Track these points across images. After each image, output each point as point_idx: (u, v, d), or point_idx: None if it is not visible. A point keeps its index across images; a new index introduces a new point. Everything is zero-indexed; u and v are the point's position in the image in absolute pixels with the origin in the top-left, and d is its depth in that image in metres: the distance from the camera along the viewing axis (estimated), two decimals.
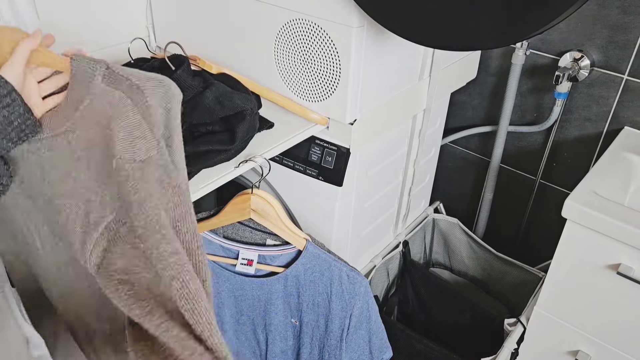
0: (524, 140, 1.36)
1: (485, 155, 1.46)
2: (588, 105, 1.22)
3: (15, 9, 0.88)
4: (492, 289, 1.44)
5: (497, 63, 1.32)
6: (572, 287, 1.03)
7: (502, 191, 1.45)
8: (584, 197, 0.96)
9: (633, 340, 1.00)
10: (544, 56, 1.24)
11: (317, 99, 0.96)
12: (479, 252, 1.42)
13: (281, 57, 0.96)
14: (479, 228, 1.50)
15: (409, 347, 1.20)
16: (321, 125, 0.97)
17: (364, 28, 0.86)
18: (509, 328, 1.17)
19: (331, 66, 0.90)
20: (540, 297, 1.09)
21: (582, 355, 1.07)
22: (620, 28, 1.11)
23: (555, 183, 1.36)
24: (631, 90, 1.15)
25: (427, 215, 1.46)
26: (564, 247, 1.01)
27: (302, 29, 0.90)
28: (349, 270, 0.95)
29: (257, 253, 1.01)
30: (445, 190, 1.58)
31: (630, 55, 1.12)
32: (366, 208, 1.17)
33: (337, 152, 1.00)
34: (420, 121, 1.20)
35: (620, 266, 0.94)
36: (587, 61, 1.17)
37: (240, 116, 0.85)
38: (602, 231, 0.93)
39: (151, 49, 1.18)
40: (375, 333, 1.01)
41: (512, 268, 1.36)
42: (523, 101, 1.31)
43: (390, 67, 0.99)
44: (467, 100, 1.42)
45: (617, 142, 1.14)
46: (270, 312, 1.03)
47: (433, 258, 1.55)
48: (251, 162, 0.85)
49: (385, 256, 1.31)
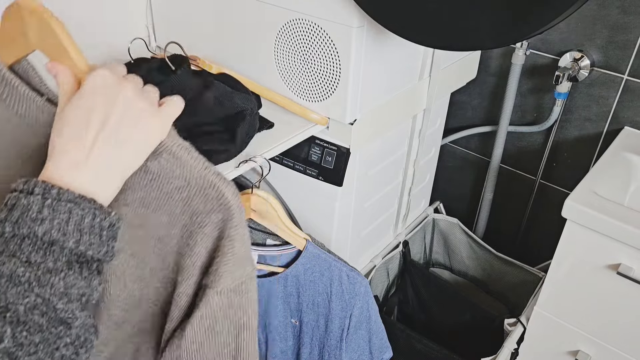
0: (524, 140, 1.36)
1: (485, 155, 1.46)
2: (588, 105, 1.22)
3: None
4: (492, 289, 1.44)
5: (497, 63, 1.32)
6: (572, 287, 1.03)
7: (502, 191, 1.45)
8: (584, 197, 0.96)
9: (633, 341, 1.00)
10: (544, 56, 1.24)
11: (317, 99, 0.96)
12: (479, 252, 1.42)
13: (281, 57, 0.96)
14: (479, 228, 1.50)
15: (409, 347, 1.19)
16: (321, 125, 0.97)
17: (364, 28, 0.86)
18: (509, 328, 1.17)
19: (331, 66, 0.90)
20: (540, 297, 1.09)
21: (582, 355, 1.07)
22: (620, 28, 1.11)
23: (555, 183, 1.36)
24: (631, 90, 1.15)
25: (427, 215, 1.46)
26: (564, 247, 1.01)
27: (302, 29, 0.90)
28: (349, 270, 0.95)
29: (257, 253, 1.01)
30: (445, 190, 1.58)
31: (630, 55, 1.12)
32: (366, 208, 1.17)
33: (337, 152, 1.00)
34: (420, 121, 1.20)
35: (620, 266, 0.94)
36: (587, 61, 1.17)
37: (240, 116, 0.85)
38: (602, 231, 0.93)
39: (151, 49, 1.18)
40: (375, 333, 1.01)
41: (512, 268, 1.36)
42: (523, 101, 1.31)
43: (390, 67, 0.99)
44: (467, 100, 1.42)
45: (617, 142, 1.14)
46: (270, 312, 1.03)
47: (433, 258, 1.55)
48: (251, 162, 0.85)
49: (385, 256, 1.31)
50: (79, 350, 0.40)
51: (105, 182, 0.43)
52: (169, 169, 0.50)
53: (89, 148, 0.41)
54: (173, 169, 0.50)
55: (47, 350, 0.38)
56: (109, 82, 0.43)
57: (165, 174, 0.50)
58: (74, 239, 0.39)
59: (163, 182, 0.51)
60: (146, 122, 0.44)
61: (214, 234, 0.51)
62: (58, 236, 0.39)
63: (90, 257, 0.41)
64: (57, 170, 0.41)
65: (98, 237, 0.41)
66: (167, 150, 0.50)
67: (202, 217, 0.51)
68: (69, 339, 0.39)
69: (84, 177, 0.41)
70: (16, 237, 0.38)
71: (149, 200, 0.51)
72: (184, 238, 0.52)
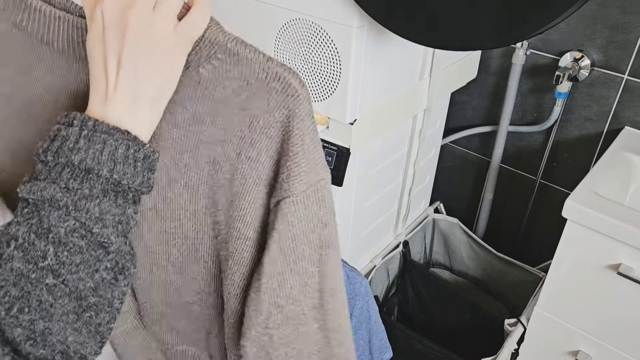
0: (525, 140, 1.36)
1: (485, 155, 1.46)
2: (588, 105, 1.22)
3: None
4: (493, 289, 1.44)
5: (498, 63, 1.32)
6: (573, 287, 1.03)
7: (502, 191, 1.44)
8: (585, 197, 0.96)
9: (633, 341, 1.00)
10: (544, 56, 1.24)
11: (317, 99, 0.95)
12: (479, 252, 1.42)
13: (281, 57, 0.96)
14: (479, 228, 1.50)
15: (409, 347, 1.19)
16: (321, 125, 0.97)
17: (364, 28, 0.86)
18: (509, 328, 1.17)
19: (331, 66, 0.90)
20: (541, 297, 1.09)
21: (582, 355, 1.07)
22: (621, 28, 1.11)
23: (555, 183, 1.36)
24: (631, 90, 1.15)
25: (427, 215, 1.46)
26: (564, 247, 1.01)
27: (302, 28, 0.90)
28: (349, 270, 0.95)
29: None
30: (445, 190, 1.58)
31: (630, 55, 1.12)
32: (366, 208, 1.17)
33: (337, 152, 1.00)
34: (420, 121, 1.20)
35: (620, 266, 0.94)
36: (587, 61, 1.17)
37: None
38: (603, 231, 0.93)
39: None
40: (376, 333, 1.01)
41: (512, 268, 1.36)
42: (523, 101, 1.31)
43: (391, 67, 0.99)
44: (467, 100, 1.41)
45: (618, 142, 1.14)
46: None
47: (433, 258, 1.55)
48: None
49: (386, 256, 1.31)
50: (117, 276, 0.43)
51: (139, 114, 0.43)
52: (224, 71, 0.44)
53: (112, 84, 0.42)
54: (229, 69, 0.44)
55: (88, 271, 0.41)
56: (115, 8, 0.42)
57: (220, 78, 0.45)
58: (108, 168, 0.41)
59: (218, 88, 0.45)
60: (162, 48, 0.42)
61: (279, 136, 0.45)
62: (93, 164, 0.41)
63: (125, 187, 0.42)
64: (93, 104, 0.43)
65: (132, 167, 0.42)
66: (221, 48, 0.44)
67: (265, 118, 0.44)
68: (109, 264, 0.42)
69: (117, 110, 0.42)
70: (58, 166, 0.41)
71: (202, 115, 0.46)
72: (242, 155, 0.46)
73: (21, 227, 0.40)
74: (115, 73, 0.42)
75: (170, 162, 0.48)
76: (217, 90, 0.45)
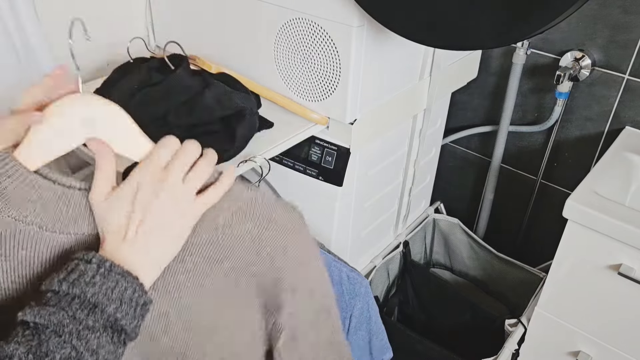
0: (525, 140, 1.36)
1: (485, 155, 1.46)
2: (589, 105, 1.22)
3: (15, 9, 0.87)
4: (493, 290, 1.44)
5: (498, 63, 1.32)
6: (573, 288, 1.03)
7: (502, 191, 1.44)
8: (585, 197, 0.96)
9: (634, 341, 0.99)
10: (544, 56, 1.23)
11: (317, 99, 0.95)
12: (479, 252, 1.42)
13: (281, 56, 0.96)
14: (479, 228, 1.50)
15: (409, 347, 1.19)
16: (321, 125, 0.97)
17: (364, 27, 0.85)
18: (510, 329, 1.17)
19: (331, 66, 0.90)
20: (541, 298, 1.09)
21: (583, 355, 1.07)
22: (622, 27, 1.11)
23: (556, 183, 1.35)
24: (632, 90, 1.15)
25: (427, 215, 1.46)
26: (564, 247, 1.01)
27: (302, 28, 0.90)
28: (349, 270, 0.95)
29: None
30: (445, 191, 1.58)
31: (631, 54, 1.12)
32: (366, 208, 1.17)
33: (337, 152, 1.00)
34: (420, 121, 1.20)
35: (621, 266, 0.93)
36: (588, 61, 1.16)
37: (239, 116, 0.85)
38: (603, 231, 0.93)
39: (150, 49, 1.18)
40: (376, 334, 1.01)
41: (512, 268, 1.35)
42: (524, 101, 1.31)
43: (391, 66, 0.98)
44: (467, 100, 1.41)
45: (618, 142, 1.14)
46: None
47: (433, 258, 1.55)
48: (251, 162, 0.84)
49: (386, 256, 1.31)
50: None
51: (146, 266, 0.49)
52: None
53: (132, 235, 0.48)
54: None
55: None
56: (156, 176, 0.49)
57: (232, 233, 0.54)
58: (115, 306, 0.45)
59: (234, 233, 0.54)
60: (180, 215, 0.50)
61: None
62: (103, 299, 0.45)
63: (122, 326, 0.46)
64: (111, 249, 0.48)
65: (133, 309, 0.47)
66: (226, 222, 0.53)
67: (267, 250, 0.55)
68: None
69: (131, 258, 0.48)
70: (68, 296, 0.44)
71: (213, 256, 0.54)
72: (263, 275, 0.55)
73: (20, 348, 0.41)
74: (135, 226, 0.48)
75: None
76: (233, 234, 0.55)
